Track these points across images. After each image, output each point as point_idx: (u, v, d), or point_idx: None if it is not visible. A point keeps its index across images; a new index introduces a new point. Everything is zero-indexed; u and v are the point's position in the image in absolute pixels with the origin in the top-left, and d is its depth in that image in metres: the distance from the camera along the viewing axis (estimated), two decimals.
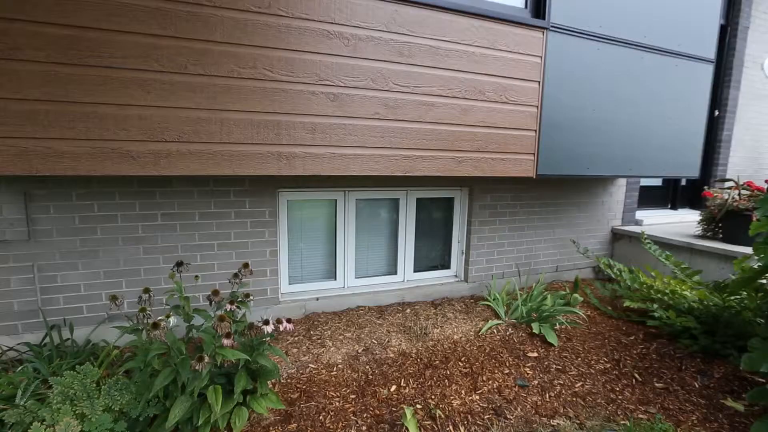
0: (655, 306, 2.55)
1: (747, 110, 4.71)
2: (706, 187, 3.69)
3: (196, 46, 1.74)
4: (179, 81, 1.75)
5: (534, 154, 2.47)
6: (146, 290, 1.64)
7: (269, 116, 1.87)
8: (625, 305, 2.66)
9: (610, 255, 3.82)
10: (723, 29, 4.44)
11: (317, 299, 2.67)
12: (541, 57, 2.38)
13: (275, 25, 1.81)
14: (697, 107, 3.08)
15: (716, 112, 4.51)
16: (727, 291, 2.26)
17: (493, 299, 2.85)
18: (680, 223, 4.04)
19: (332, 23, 1.90)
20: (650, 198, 4.44)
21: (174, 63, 1.73)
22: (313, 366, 2.08)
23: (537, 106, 2.43)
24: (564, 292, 3.01)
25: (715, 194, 3.31)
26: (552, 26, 2.37)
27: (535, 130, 2.45)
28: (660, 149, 2.95)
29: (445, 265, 3.22)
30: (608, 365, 2.19)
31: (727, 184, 3.32)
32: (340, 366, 2.09)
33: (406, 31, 2.04)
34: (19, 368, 1.79)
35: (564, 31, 2.42)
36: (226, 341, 1.48)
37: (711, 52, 3.05)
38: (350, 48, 1.95)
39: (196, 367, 1.38)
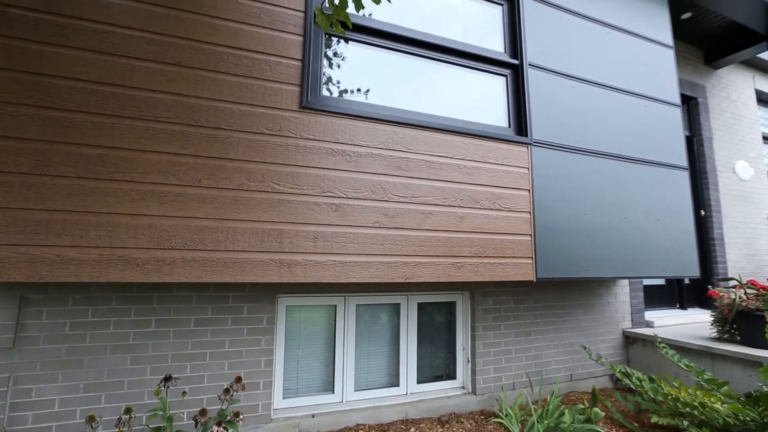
0: (686, 422, 2.30)
1: (731, 210, 4.92)
2: (710, 287, 3.64)
3: (211, 162, 1.92)
4: (192, 193, 1.88)
5: (532, 257, 2.52)
6: (128, 410, 1.51)
7: (274, 225, 1.96)
8: (652, 421, 2.40)
9: (626, 361, 3.59)
10: (690, 140, 4.91)
11: (313, 416, 2.42)
12: (528, 168, 2.60)
13: (284, 144, 2.03)
14: (682, 208, 3.23)
15: (702, 212, 4.71)
16: (761, 404, 2.07)
17: (506, 415, 2.59)
18: (692, 324, 3.88)
19: (336, 142, 2.12)
20: (657, 297, 4.35)
21: (190, 177, 1.88)
22: None
23: (529, 212, 2.56)
24: (582, 406, 2.74)
25: (721, 294, 3.25)
26: (534, 142, 2.64)
27: (531, 235, 2.54)
28: (656, 250, 3.00)
29: (451, 375, 2.99)
30: None
31: (731, 282, 3.29)
32: None
33: (403, 148, 2.27)
34: None
35: (545, 146, 2.68)
36: None
37: (683, 161, 3.32)
38: (352, 163, 2.14)
39: None
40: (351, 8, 1.90)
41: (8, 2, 1.75)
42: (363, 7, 1.72)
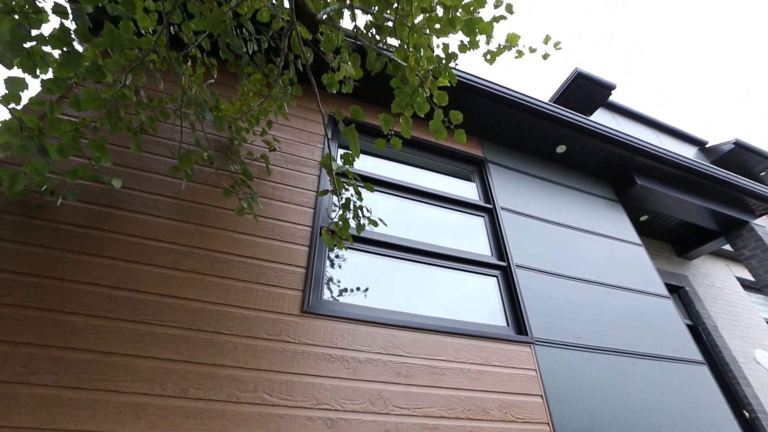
0: None
1: None
2: None
3: (203, 369, 1.83)
4: (175, 405, 1.72)
5: None
6: None
7: None
8: None
9: None
10: (695, 329, 4.83)
11: None
12: (535, 370, 2.45)
13: (281, 350, 1.98)
14: (718, 409, 2.86)
15: (747, 414, 4.18)
16: None
17: None
18: None
19: (335, 347, 2.08)
20: None
21: (177, 387, 1.76)
22: None
23: (548, 423, 2.26)
24: None
25: None
26: (536, 341, 2.58)
27: None
28: None
29: None
30: None
31: None
32: None
33: (403, 352, 2.20)
34: None
35: (548, 344, 2.61)
36: None
37: (695, 354, 3.17)
38: (350, 370, 2.04)
39: None
40: (352, 223, 2.19)
41: (61, 220, 2.04)
42: (364, 229, 2.01)
